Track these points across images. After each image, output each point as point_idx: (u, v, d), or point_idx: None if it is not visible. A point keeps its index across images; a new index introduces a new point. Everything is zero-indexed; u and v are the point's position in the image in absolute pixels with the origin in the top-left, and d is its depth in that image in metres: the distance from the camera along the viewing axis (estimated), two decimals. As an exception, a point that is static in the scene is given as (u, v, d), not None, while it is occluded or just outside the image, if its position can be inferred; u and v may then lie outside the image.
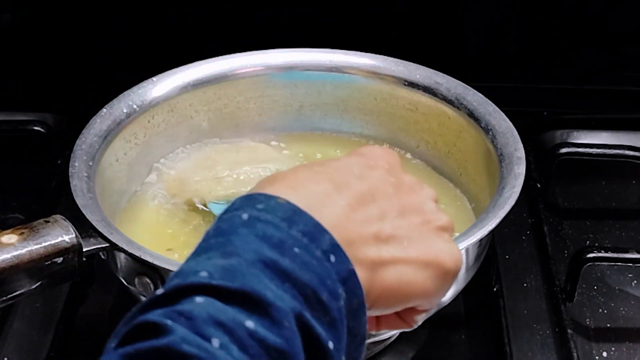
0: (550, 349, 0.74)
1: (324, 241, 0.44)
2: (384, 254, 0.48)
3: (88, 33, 1.03)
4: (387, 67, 0.84)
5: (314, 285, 0.42)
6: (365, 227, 0.48)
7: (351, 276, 0.44)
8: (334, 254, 0.44)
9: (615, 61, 1.04)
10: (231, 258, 0.42)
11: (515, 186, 0.70)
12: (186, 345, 0.37)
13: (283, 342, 0.39)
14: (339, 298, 0.43)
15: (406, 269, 0.49)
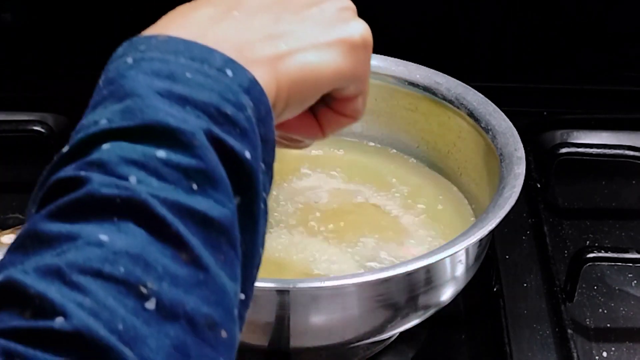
0: (550, 349, 0.74)
1: (215, 59, 0.44)
2: (281, 48, 0.48)
3: (88, 33, 1.03)
4: (387, 67, 0.84)
5: (215, 101, 0.42)
6: (256, 32, 0.48)
7: (253, 85, 0.44)
8: (230, 68, 0.44)
9: (615, 61, 1.04)
10: (126, 100, 0.41)
11: (515, 186, 0.70)
12: (105, 188, 0.38)
13: (198, 161, 0.40)
14: (245, 108, 0.43)
15: (308, 55, 0.49)
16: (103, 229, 0.37)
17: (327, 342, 0.68)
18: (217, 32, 0.47)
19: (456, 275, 0.69)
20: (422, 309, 0.69)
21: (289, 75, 0.48)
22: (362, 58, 0.52)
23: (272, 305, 0.64)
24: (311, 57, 0.49)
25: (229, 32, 0.47)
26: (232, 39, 0.47)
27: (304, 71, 0.49)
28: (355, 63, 0.51)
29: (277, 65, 0.48)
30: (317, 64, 0.50)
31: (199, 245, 0.39)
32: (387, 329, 0.68)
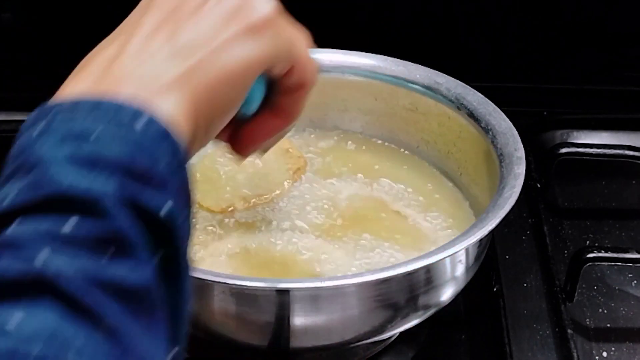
0: (550, 349, 0.74)
1: (125, 112, 0.42)
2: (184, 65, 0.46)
3: (88, 33, 1.03)
4: (387, 67, 0.84)
5: (126, 158, 0.40)
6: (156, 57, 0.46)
7: (166, 133, 0.42)
8: (140, 120, 0.42)
9: (615, 61, 1.04)
10: (33, 171, 0.40)
11: (515, 186, 0.70)
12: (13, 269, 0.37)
13: (109, 227, 0.38)
14: (159, 160, 0.41)
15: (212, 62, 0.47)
16: (12, 313, 0.35)
17: (327, 342, 0.68)
18: (117, 73, 0.45)
19: (456, 275, 0.69)
20: (422, 309, 0.69)
21: (201, 90, 0.46)
22: (270, 34, 0.50)
23: (272, 305, 0.64)
24: (216, 62, 0.47)
25: (129, 69, 0.45)
26: (134, 76, 0.45)
27: (215, 79, 0.47)
28: (264, 46, 0.49)
29: (187, 85, 0.46)
30: (224, 67, 0.47)
31: (117, 315, 0.37)
32: (387, 329, 0.68)
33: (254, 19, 0.49)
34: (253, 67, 0.49)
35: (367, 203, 0.80)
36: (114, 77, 0.45)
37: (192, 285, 0.43)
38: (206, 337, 0.69)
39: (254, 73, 0.49)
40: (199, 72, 0.46)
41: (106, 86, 0.44)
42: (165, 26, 0.47)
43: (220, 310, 0.66)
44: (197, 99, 0.46)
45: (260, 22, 0.49)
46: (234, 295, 0.65)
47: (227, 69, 0.47)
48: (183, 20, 0.48)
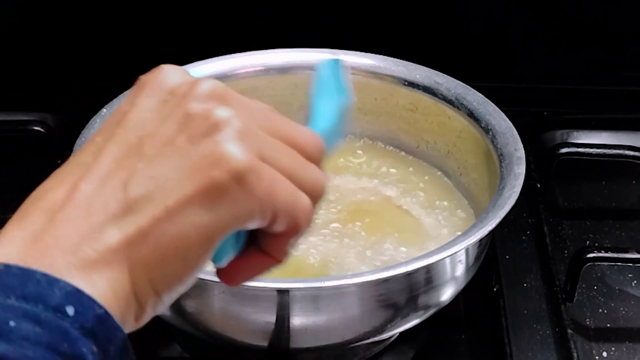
0: (550, 349, 0.74)
1: (53, 294, 0.37)
2: (130, 228, 0.39)
3: (88, 33, 1.03)
4: (387, 67, 0.84)
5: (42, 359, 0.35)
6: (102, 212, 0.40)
7: (101, 320, 0.37)
8: (72, 304, 0.37)
9: (615, 61, 1.04)
10: None
11: (515, 186, 0.70)
12: None
13: None
14: (86, 356, 0.36)
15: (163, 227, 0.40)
16: None
17: (327, 342, 0.68)
18: (53, 231, 0.39)
19: (456, 275, 0.69)
20: (422, 309, 0.69)
21: (146, 261, 0.40)
22: (240, 193, 0.40)
23: (272, 305, 0.64)
24: (169, 227, 0.40)
25: (67, 228, 0.39)
26: (70, 238, 0.39)
27: (168, 247, 0.40)
28: (231, 209, 0.40)
29: (129, 254, 0.39)
30: (178, 234, 0.40)
31: None
32: (387, 329, 0.68)
33: (221, 177, 0.40)
34: (214, 235, 0.41)
35: (369, 200, 0.80)
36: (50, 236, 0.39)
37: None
38: (206, 337, 0.69)
39: (215, 240, 0.41)
40: (143, 243, 0.40)
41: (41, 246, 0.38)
42: (121, 169, 0.41)
43: (220, 310, 0.66)
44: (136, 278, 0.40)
45: (227, 181, 0.40)
46: (234, 295, 0.65)
47: (182, 236, 0.40)
48: (142, 163, 0.41)
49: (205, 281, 0.63)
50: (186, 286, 0.42)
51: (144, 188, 0.40)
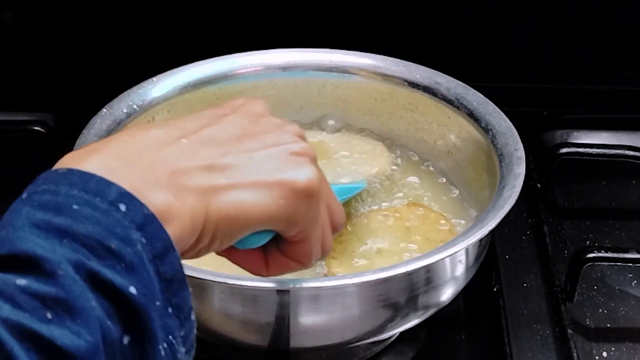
0: (550, 349, 0.74)
1: (110, 192, 0.43)
2: (218, 181, 0.48)
3: (88, 33, 1.03)
4: (387, 67, 0.84)
5: (97, 235, 0.41)
6: (198, 161, 0.48)
7: (149, 221, 0.44)
8: (124, 202, 0.43)
9: (615, 61, 1.04)
10: (1, 231, 0.41)
11: (515, 186, 0.70)
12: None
13: (58, 290, 0.39)
14: (134, 243, 0.42)
15: (243, 193, 0.49)
16: None
17: (327, 342, 0.68)
18: (155, 156, 0.47)
19: (456, 275, 0.69)
20: (422, 309, 0.69)
21: (220, 209, 0.48)
22: (303, 205, 0.51)
23: (272, 305, 0.64)
24: (246, 195, 0.49)
25: (169, 158, 0.47)
26: (170, 164, 0.47)
27: (235, 208, 0.49)
28: (291, 209, 0.51)
29: (210, 198, 0.48)
30: (250, 203, 0.49)
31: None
32: (387, 329, 0.68)
33: (299, 184, 0.51)
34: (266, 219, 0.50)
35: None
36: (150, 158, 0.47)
37: None
38: (206, 337, 0.69)
39: (263, 223, 0.51)
40: (223, 196, 0.48)
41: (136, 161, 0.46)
42: (224, 143, 0.50)
43: (220, 310, 0.66)
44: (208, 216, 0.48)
45: (301, 188, 0.51)
46: (234, 295, 0.65)
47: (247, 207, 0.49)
48: (241, 148, 0.50)
49: (205, 281, 0.63)
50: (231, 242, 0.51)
51: (237, 161, 0.50)
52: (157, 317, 0.42)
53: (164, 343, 0.42)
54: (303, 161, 0.52)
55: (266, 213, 0.50)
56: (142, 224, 0.43)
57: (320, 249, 0.56)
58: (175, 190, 0.46)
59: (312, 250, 0.55)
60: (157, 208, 0.44)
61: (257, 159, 0.50)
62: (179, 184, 0.46)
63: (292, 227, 0.52)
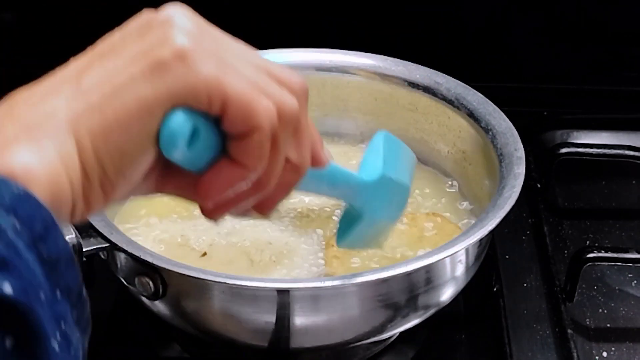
0: (550, 349, 0.74)
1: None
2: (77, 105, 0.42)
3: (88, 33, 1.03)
4: (387, 67, 0.84)
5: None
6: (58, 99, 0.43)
7: (20, 200, 0.38)
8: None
9: (615, 61, 1.04)
10: None
11: (515, 186, 0.70)
12: None
13: None
14: (3, 232, 0.37)
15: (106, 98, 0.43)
16: None
17: (327, 342, 0.68)
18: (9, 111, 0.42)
19: (456, 275, 0.69)
20: (422, 309, 0.69)
21: (92, 131, 0.42)
22: (180, 70, 0.43)
23: (272, 305, 0.64)
24: (112, 101, 0.43)
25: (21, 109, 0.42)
26: (22, 113, 0.42)
27: (105, 117, 0.43)
28: (169, 83, 0.43)
29: (76, 125, 0.42)
30: (117, 103, 0.43)
31: None
32: (387, 329, 0.68)
33: (163, 54, 0.43)
34: (154, 108, 0.43)
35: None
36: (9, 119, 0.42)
37: None
38: (206, 337, 0.69)
39: (155, 114, 0.43)
40: (94, 112, 0.42)
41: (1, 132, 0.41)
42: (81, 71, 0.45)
43: (220, 310, 0.66)
44: (82, 146, 0.42)
45: (169, 57, 0.43)
46: (234, 295, 0.65)
47: (125, 109, 0.43)
48: (97, 60, 0.45)
49: (205, 281, 0.63)
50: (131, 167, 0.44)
51: (95, 78, 0.43)
52: (45, 310, 0.37)
53: (56, 336, 0.38)
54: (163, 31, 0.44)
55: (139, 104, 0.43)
56: (13, 205, 0.38)
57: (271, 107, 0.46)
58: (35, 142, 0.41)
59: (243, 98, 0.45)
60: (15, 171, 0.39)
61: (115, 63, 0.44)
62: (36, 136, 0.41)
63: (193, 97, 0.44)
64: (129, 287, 0.67)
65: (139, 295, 0.67)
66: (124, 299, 0.75)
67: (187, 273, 0.63)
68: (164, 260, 0.64)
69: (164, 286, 0.65)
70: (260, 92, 0.46)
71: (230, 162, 0.46)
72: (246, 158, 0.46)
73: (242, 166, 0.46)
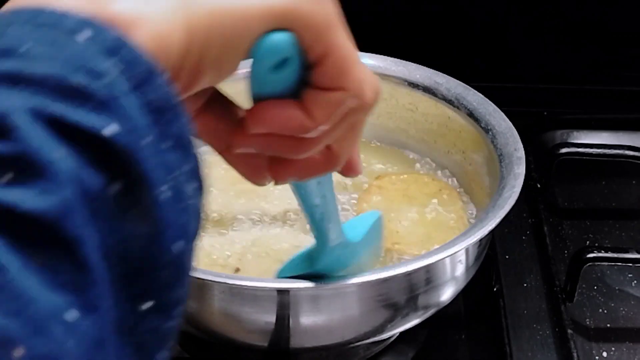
0: (550, 349, 0.74)
1: (67, 22, 0.35)
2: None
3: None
4: (387, 67, 0.84)
5: (55, 73, 0.34)
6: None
7: (119, 44, 0.35)
8: (86, 29, 0.35)
9: (615, 61, 1.04)
10: None
11: (515, 186, 0.70)
12: None
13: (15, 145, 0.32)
14: (103, 75, 0.35)
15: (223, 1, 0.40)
16: None
17: (327, 342, 0.68)
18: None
19: (456, 275, 0.69)
20: (422, 309, 0.69)
21: (202, 22, 0.40)
22: None
23: (272, 305, 0.64)
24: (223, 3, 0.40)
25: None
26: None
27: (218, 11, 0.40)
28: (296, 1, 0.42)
29: (189, 13, 0.39)
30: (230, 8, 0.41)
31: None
32: (387, 329, 0.69)
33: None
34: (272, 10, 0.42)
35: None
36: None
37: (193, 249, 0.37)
38: (206, 337, 0.69)
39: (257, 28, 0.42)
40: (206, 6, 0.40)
41: None
42: None
43: (220, 310, 0.66)
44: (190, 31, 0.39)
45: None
46: (234, 295, 0.65)
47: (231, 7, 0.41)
48: None
49: (205, 281, 0.63)
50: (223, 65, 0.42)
51: None
52: (150, 156, 0.35)
53: (163, 185, 0.35)
54: None
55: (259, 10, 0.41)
56: (114, 47, 0.36)
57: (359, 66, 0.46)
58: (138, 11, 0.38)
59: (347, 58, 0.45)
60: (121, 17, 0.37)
61: None
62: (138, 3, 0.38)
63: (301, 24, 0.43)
64: (129, 287, 0.67)
65: (139, 295, 0.67)
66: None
67: (187, 273, 0.63)
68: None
69: (164, 286, 0.65)
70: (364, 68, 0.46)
71: (298, 106, 0.45)
72: (317, 109, 0.45)
73: (307, 114, 0.45)
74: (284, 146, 0.47)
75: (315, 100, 0.45)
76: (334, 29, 0.45)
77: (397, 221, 0.76)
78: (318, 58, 0.44)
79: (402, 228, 0.75)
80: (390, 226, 0.75)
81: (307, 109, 0.45)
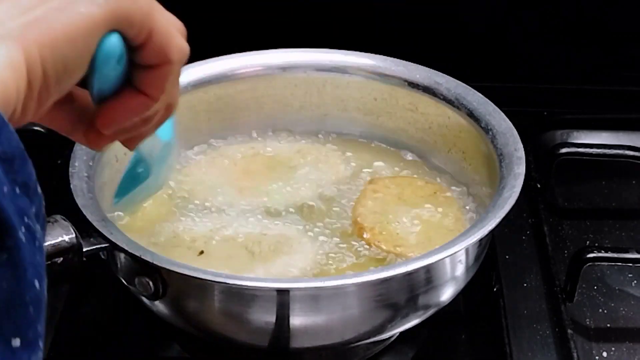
0: (550, 349, 0.74)
1: None
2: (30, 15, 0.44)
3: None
4: (387, 67, 0.84)
5: None
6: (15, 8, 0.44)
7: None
8: None
9: (615, 61, 1.04)
10: None
11: (515, 186, 0.70)
12: None
13: None
14: None
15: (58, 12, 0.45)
16: None
17: (327, 342, 0.68)
18: None
19: (456, 275, 0.69)
20: (422, 309, 0.69)
21: (39, 40, 0.43)
22: None
23: (272, 305, 0.64)
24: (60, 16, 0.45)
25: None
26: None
27: (54, 29, 0.44)
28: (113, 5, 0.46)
29: (25, 35, 0.43)
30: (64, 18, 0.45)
31: None
32: (387, 329, 0.69)
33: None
34: (98, 26, 0.46)
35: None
36: None
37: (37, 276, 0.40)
38: (206, 337, 0.69)
39: (98, 31, 0.47)
40: (41, 23, 0.44)
41: None
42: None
43: (220, 310, 0.66)
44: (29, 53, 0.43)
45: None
46: (234, 295, 0.65)
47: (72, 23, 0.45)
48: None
49: (205, 281, 0.63)
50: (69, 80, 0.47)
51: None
52: (9, 203, 0.37)
53: (22, 228, 0.38)
54: None
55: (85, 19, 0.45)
56: None
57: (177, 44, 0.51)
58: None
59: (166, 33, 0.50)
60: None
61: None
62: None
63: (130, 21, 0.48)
64: (129, 287, 0.67)
65: (139, 295, 0.67)
66: (124, 299, 0.75)
67: (187, 273, 0.63)
68: (164, 260, 0.64)
69: (164, 286, 0.65)
70: (177, 31, 0.52)
71: (135, 93, 0.51)
72: (152, 88, 0.51)
73: (146, 96, 0.51)
74: (134, 128, 0.53)
75: (148, 80, 0.51)
76: (153, 12, 0.49)
77: (397, 223, 0.76)
78: (144, 41, 0.50)
79: (402, 230, 0.75)
80: (390, 229, 0.75)
81: (144, 90, 0.52)
